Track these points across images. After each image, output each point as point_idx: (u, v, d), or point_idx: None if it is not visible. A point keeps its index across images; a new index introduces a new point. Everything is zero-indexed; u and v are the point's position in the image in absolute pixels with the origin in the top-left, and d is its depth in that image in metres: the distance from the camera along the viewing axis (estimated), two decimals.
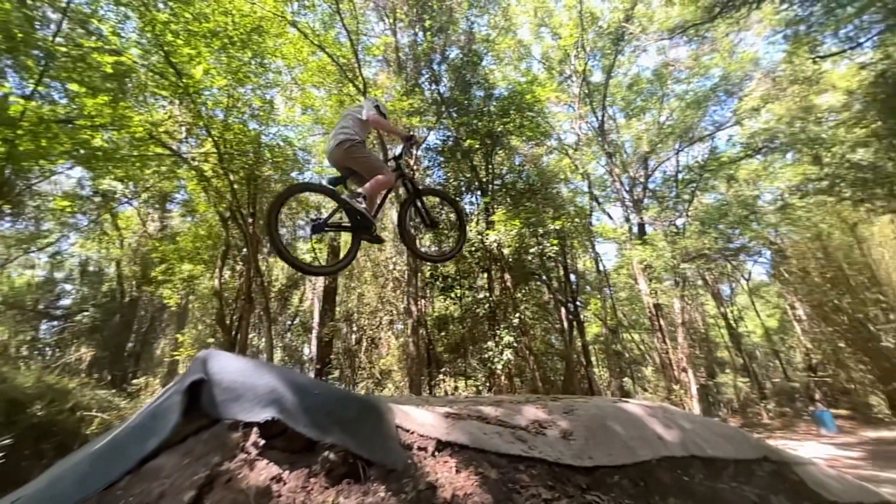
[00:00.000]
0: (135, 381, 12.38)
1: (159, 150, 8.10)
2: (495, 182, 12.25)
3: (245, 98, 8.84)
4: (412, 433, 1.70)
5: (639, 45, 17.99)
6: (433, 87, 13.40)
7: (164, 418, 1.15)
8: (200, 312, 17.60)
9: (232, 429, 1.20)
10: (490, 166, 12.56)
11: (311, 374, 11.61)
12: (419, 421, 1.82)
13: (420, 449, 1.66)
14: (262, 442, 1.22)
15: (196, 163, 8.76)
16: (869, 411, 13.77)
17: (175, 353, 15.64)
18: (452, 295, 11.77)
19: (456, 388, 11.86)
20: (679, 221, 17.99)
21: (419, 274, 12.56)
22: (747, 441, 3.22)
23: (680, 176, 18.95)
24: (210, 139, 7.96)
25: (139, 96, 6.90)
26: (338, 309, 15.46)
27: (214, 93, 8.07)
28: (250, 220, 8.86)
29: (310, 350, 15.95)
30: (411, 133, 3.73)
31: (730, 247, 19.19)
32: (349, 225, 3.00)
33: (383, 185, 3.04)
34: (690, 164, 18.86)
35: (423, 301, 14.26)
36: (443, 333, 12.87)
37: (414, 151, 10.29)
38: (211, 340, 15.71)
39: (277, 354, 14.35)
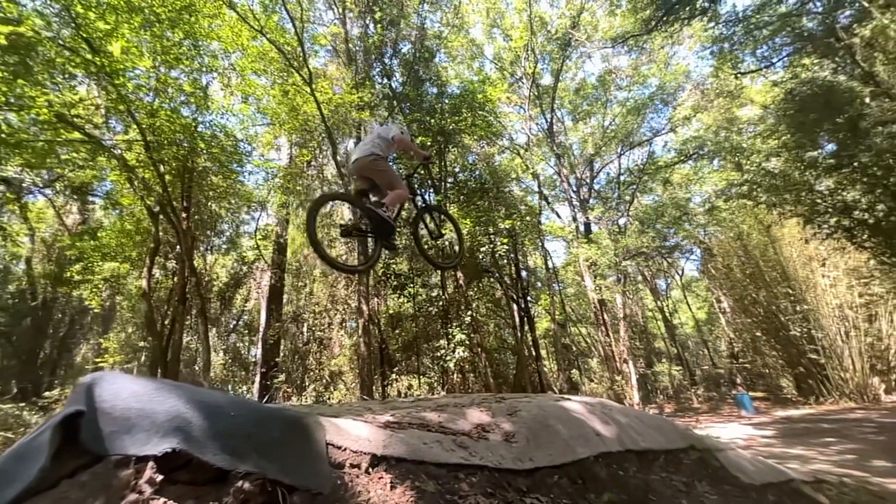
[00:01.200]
0: (48, 393, 11.07)
1: (75, 134, 7.22)
2: (448, 180, 12.26)
3: (177, 82, 8.12)
4: (344, 450, 1.59)
5: (585, 51, 18.81)
6: (384, 81, 13.14)
7: (30, 460, 0.96)
8: (130, 314, 16.08)
9: (120, 466, 1.04)
10: (443, 164, 12.54)
11: (257, 378, 11.01)
12: (354, 435, 1.72)
13: (353, 466, 1.56)
14: (160, 478, 1.07)
15: (119, 151, 7.92)
16: (780, 392, 15.46)
17: (99, 359, 14.18)
18: (406, 293, 11.65)
19: (410, 386, 11.78)
20: (621, 221, 19.10)
21: (372, 272, 12.30)
22: (676, 431, 3.44)
23: (622, 178, 20.10)
24: (135, 125, 7.21)
25: (45, 73, 6.05)
26: (287, 308, 14.78)
27: (139, 73, 7.32)
28: (184, 215, 8.15)
29: (256, 352, 15.15)
30: (429, 154, 4.10)
31: (666, 245, 20.70)
32: (372, 231, 3.31)
33: (401, 199, 3.42)
34: (631, 168, 20.06)
35: (376, 299, 14.01)
36: (397, 332, 12.72)
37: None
38: (143, 344, 14.43)
39: (218, 358, 13.44)
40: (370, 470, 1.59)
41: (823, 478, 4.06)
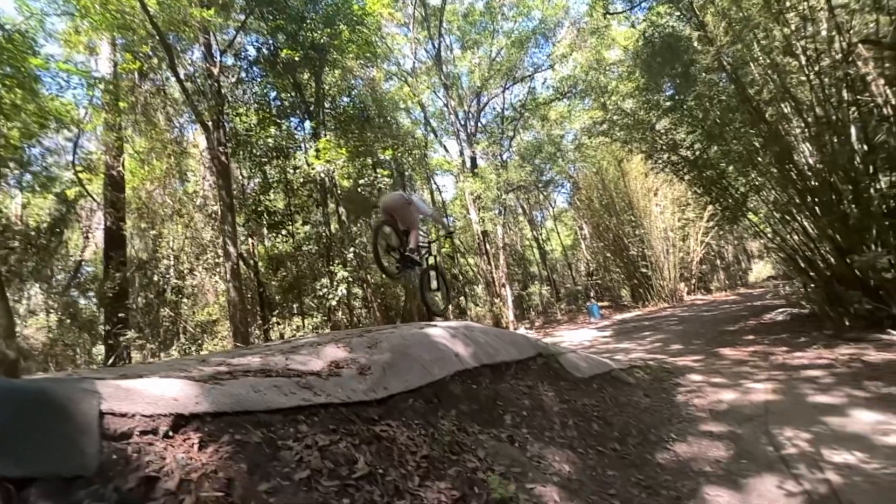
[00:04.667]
0: None
1: None
2: (325, 105, 11.00)
3: None
4: (132, 416, 1.32)
5: None
6: None
7: None
8: None
9: None
10: (319, 86, 11.12)
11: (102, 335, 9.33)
12: (151, 396, 1.45)
13: (145, 433, 1.31)
14: None
15: None
16: (620, 300, 19.03)
17: None
18: (283, 232, 10.71)
19: (298, 328, 11.35)
20: (504, 156, 19.97)
21: (242, 210, 10.89)
22: (528, 343, 3.88)
23: (506, 113, 20.64)
24: None
25: None
26: (142, 254, 12.46)
27: None
28: None
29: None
30: (451, 230, 5.76)
31: (542, 179, 22.55)
32: (400, 260, 4.47)
33: (417, 238, 4.51)
34: (514, 103, 20.64)
35: (251, 240, 12.67)
36: (280, 273, 11.83)
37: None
38: None
39: (41, 320, 10.97)
40: (172, 433, 1.36)
41: (636, 363, 5.12)
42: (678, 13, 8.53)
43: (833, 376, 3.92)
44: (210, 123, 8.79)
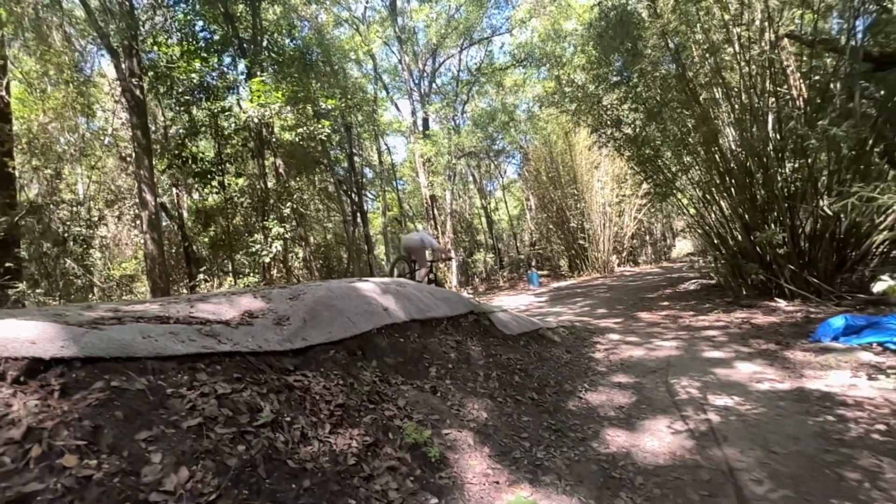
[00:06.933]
0: None
1: None
2: (263, 43, 9.92)
3: None
4: None
5: None
6: None
7: None
8: None
9: None
10: (257, 21, 9.95)
11: None
12: (1, 338, 1.23)
13: None
14: None
15: None
16: (559, 270, 20.04)
17: None
18: (213, 183, 9.80)
19: (230, 286, 10.68)
20: (457, 120, 19.59)
21: (164, 154, 9.73)
22: (461, 301, 3.92)
23: (461, 76, 20.07)
24: None
25: None
26: (38, 198, 10.80)
27: None
28: None
29: None
30: (450, 256, 7.49)
31: (494, 148, 22.56)
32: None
33: (424, 275, 5.87)
34: (470, 66, 20.09)
35: (175, 190, 11.51)
36: (212, 228, 10.90)
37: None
38: None
39: None
40: (24, 378, 1.18)
41: (563, 324, 5.43)
42: None
43: (726, 336, 4.41)
44: (120, 49, 7.58)
